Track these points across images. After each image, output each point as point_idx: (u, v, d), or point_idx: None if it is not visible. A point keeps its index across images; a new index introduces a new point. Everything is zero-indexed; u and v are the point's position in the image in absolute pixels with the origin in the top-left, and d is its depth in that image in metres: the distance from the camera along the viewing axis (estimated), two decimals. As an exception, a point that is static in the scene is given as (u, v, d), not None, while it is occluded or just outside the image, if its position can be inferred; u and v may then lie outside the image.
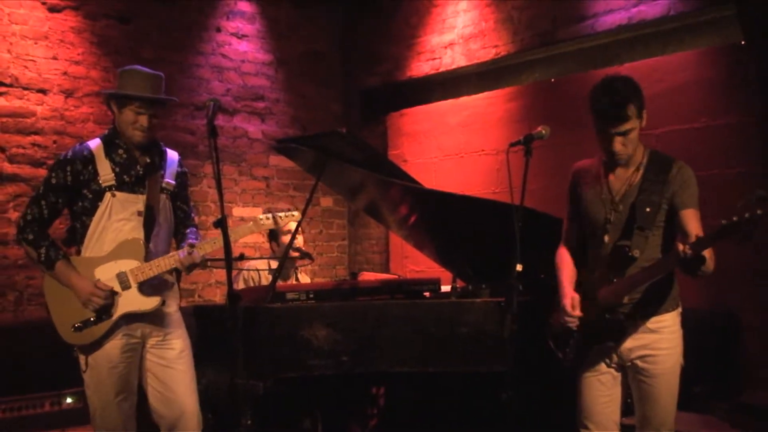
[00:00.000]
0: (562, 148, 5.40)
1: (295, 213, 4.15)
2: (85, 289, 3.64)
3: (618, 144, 3.39)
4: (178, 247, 3.97)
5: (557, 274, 3.75)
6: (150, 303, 3.73)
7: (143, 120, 3.73)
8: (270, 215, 4.04)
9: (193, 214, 4.11)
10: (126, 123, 3.75)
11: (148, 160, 3.83)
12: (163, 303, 3.78)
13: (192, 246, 3.75)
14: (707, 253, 3.13)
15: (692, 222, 3.36)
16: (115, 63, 6.33)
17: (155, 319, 3.80)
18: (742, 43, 5.15)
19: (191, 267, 3.79)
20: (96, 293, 3.63)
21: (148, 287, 3.74)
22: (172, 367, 3.82)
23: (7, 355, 5.31)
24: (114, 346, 3.70)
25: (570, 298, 3.59)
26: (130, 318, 3.72)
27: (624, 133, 3.38)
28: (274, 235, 5.59)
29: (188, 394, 3.83)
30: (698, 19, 5.40)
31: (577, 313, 3.56)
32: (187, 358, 3.89)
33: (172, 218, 3.95)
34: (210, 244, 3.78)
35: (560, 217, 3.92)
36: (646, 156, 3.52)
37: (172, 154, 3.99)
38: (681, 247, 3.10)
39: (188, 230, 4.03)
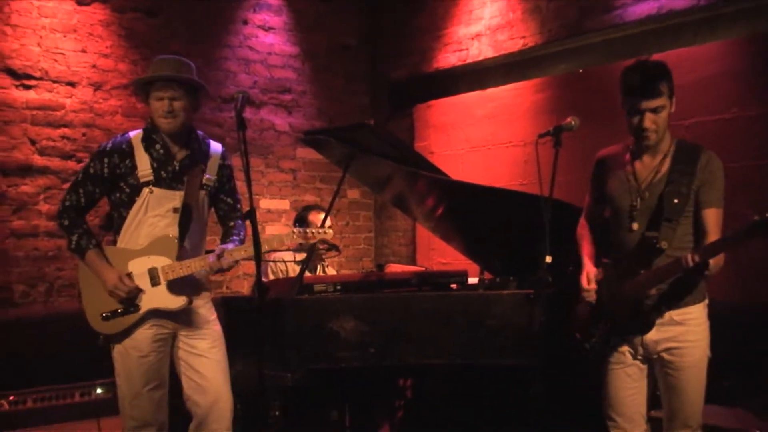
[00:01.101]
0: (590, 140, 5.34)
1: (329, 231, 4.06)
2: (111, 280, 3.66)
3: (648, 120, 3.36)
4: (223, 242, 3.96)
5: (578, 248, 3.76)
6: (176, 302, 3.73)
7: (164, 105, 3.70)
8: (302, 230, 3.93)
9: (239, 206, 4.07)
10: (153, 112, 3.75)
11: (186, 155, 3.83)
12: (190, 302, 3.77)
13: (222, 252, 3.73)
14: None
15: (712, 223, 3.38)
16: (143, 56, 6.37)
17: (185, 315, 3.81)
18: (774, 33, 5.10)
19: (218, 272, 3.81)
20: (119, 286, 3.66)
21: (177, 286, 3.74)
22: (206, 356, 3.84)
23: (38, 346, 5.38)
24: (144, 336, 3.72)
25: (586, 273, 3.60)
26: (159, 313, 3.74)
27: (655, 110, 3.35)
28: (303, 223, 5.58)
29: (222, 383, 3.85)
30: (728, 8, 5.33)
31: (593, 286, 3.56)
32: (219, 348, 3.90)
33: (207, 215, 3.95)
34: (241, 251, 3.76)
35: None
36: (674, 145, 3.50)
37: (215, 147, 3.98)
38: (689, 256, 3.19)
39: (234, 224, 4.01)
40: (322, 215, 5.54)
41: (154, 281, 3.71)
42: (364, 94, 8.06)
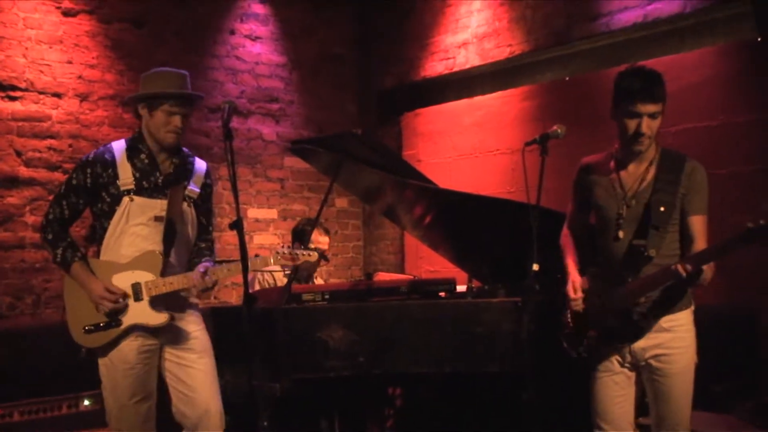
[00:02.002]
0: (577, 147, 5.34)
1: (313, 253, 3.99)
2: (96, 291, 3.63)
3: (646, 125, 3.34)
4: (192, 258, 3.94)
5: (563, 256, 3.76)
6: (158, 318, 3.69)
7: (177, 120, 3.70)
8: (287, 252, 3.89)
9: (211, 228, 4.05)
10: (158, 125, 3.72)
11: (171, 168, 3.81)
12: (172, 319, 3.73)
13: (207, 270, 3.70)
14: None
15: (698, 229, 3.39)
16: (130, 66, 6.36)
17: (169, 330, 3.77)
18: (759, 39, 5.12)
19: (204, 290, 3.79)
20: (106, 297, 3.62)
21: (160, 302, 3.71)
22: (193, 366, 3.80)
23: (25, 358, 5.33)
24: (130, 347, 3.68)
25: (572, 282, 3.60)
26: (140, 328, 3.70)
27: (653, 115, 3.35)
28: (300, 236, 5.52)
29: (211, 394, 3.81)
30: (714, 15, 5.36)
31: (579, 294, 3.56)
32: (208, 359, 3.86)
33: (193, 228, 3.90)
34: (223, 270, 3.74)
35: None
36: (658, 153, 3.50)
37: (200, 164, 3.96)
38: (681, 266, 3.16)
39: (205, 245, 3.97)
40: (322, 236, 5.53)
41: (137, 296, 3.67)
42: (351, 103, 8.07)
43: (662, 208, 3.38)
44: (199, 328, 3.89)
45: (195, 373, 3.80)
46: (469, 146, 7.08)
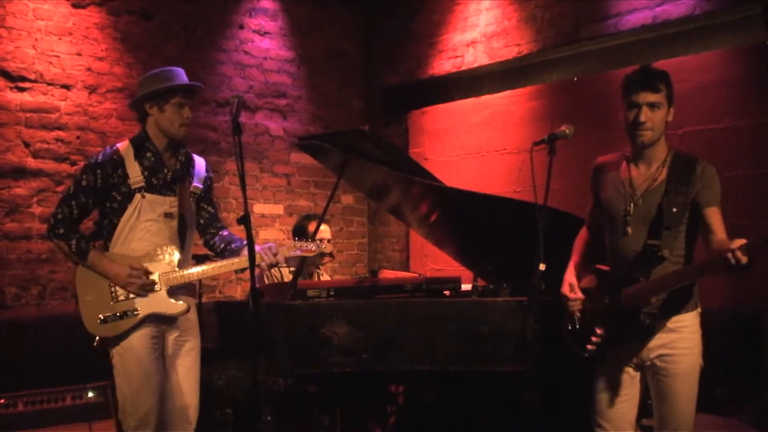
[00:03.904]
0: (584, 148, 5.36)
1: (328, 245, 4.15)
2: (123, 273, 3.71)
3: (644, 114, 3.38)
4: (210, 246, 4.06)
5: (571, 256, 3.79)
6: (176, 307, 3.80)
7: (187, 112, 3.81)
8: (303, 243, 4.07)
9: (219, 215, 4.16)
10: (172, 119, 3.80)
11: (178, 165, 3.90)
12: (188, 309, 3.84)
13: (271, 247, 3.87)
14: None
15: (716, 220, 3.37)
16: (138, 59, 6.37)
17: (177, 319, 3.86)
18: (767, 42, 5.11)
19: (271, 266, 3.94)
20: (133, 275, 3.71)
21: (176, 291, 3.82)
22: (178, 363, 3.90)
23: (30, 349, 5.36)
24: (142, 334, 3.76)
25: (568, 284, 3.65)
26: (156, 318, 3.79)
27: (652, 105, 3.38)
28: (301, 233, 5.55)
29: (191, 391, 3.91)
30: (723, 18, 5.37)
31: (578, 295, 3.61)
32: (194, 357, 3.96)
33: (195, 223, 4.02)
34: (295, 248, 3.95)
35: (582, 216, 3.90)
36: (670, 156, 3.50)
37: (200, 160, 4.06)
38: (730, 255, 3.01)
39: (221, 233, 4.06)
40: (322, 227, 5.55)
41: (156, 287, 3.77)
42: (358, 100, 8.07)
43: (674, 209, 3.39)
44: (195, 325, 4.01)
45: (180, 370, 3.91)
46: (476, 145, 7.09)
